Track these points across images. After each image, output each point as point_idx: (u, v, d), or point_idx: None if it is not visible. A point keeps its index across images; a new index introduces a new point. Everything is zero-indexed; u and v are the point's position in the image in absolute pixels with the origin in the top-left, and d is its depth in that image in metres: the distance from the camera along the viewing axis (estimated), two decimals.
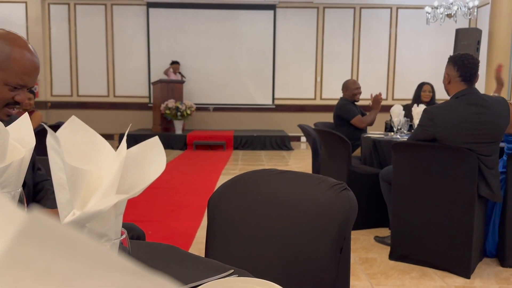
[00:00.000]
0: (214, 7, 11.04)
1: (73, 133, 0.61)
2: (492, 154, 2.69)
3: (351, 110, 4.73)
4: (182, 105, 9.55)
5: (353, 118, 4.69)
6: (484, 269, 2.88)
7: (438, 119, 2.70)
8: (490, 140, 2.67)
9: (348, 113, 4.73)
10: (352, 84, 4.84)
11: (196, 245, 3.31)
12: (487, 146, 2.67)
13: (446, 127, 2.67)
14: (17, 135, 0.81)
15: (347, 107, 4.77)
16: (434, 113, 2.72)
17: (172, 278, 0.22)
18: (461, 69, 2.71)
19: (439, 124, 2.69)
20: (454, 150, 2.69)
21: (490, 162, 2.68)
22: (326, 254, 1.13)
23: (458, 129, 2.64)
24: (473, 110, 2.65)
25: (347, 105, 4.76)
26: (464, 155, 2.65)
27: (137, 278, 0.18)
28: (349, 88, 4.84)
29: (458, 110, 2.67)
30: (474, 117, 2.64)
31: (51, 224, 0.18)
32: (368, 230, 3.66)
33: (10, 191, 0.76)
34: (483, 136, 2.65)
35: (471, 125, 2.64)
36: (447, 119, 2.68)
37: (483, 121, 2.64)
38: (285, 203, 1.23)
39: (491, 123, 2.65)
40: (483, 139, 2.65)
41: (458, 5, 8.51)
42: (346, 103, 4.79)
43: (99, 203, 0.55)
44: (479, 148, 2.65)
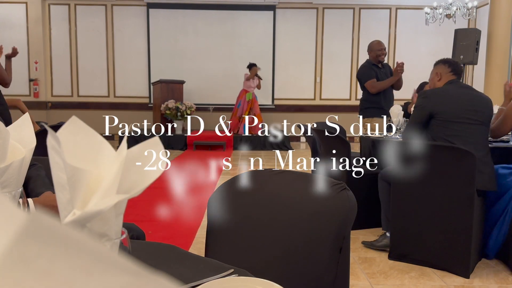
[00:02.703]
0: (214, 7, 11.04)
1: (73, 133, 0.61)
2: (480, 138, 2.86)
3: (365, 73, 4.81)
4: (182, 106, 9.55)
5: (366, 82, 4.75)
6: (483, 269, 2.88)
7: (432, 96, 2.95)
8: (481, 120, 2.85)
9: (363, 75, 4.79)
10: (377, 45, 4.88)
11: (196, 244, 3.31)
12: (478, 127, 2.84)
13: (441, 100, 2.90)
14: (18, 135, 0.81)
15: (363, 69, 4.88)
16: (428, 92, 3.01)
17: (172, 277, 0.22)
18: (452, 66, 3.07)
19: (433, 99, 2.92)
20: (454, 150, 2.69)
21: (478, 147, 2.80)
22: (325, 254, 1.13)
23: (452, 102, 2.87)
24: (464, 91, 2.95)
25: (364, 67, 4.85)
26: (463, 155, 2.65)
27: (137, 277, 0.19)
28: (373, 49, 4.90)
29: (451, 90, 2.95)
30: (466, 95, 2.91)
31: (52, 224, 0.18)
32: (367, 230, 3.66)
33: (11, 191, 0.76)
34: (474, 113, 2.84)
35: (463, 101, 2.87)
36: (441, 95, 2.94)
37: (474, 99, 2.89)
38: (284, 203, 1.23)
39: (481, 103, 2.90)
40: (474, 116, 2.83)
41: (457, 5, 8.52)
42: (365, 65, 4.89)
43: (99, 203, 0.55)
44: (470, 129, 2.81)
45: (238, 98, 10.04)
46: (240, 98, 9.98)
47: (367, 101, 4.93)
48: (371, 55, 4.94)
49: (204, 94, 11.08)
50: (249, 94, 9.87)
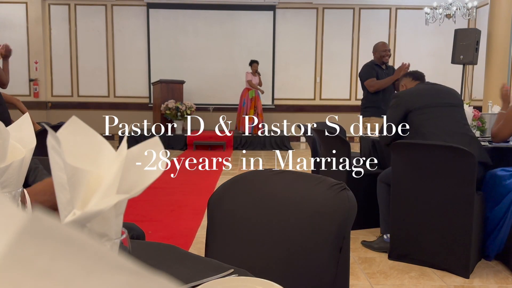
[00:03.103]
0: (214, 7, 11.05)
1: (73, 133, 0.61)
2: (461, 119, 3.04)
3: (366, 72, 4.89)
4: (182, 106, 9.55)
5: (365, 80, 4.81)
6: (483, 269, 2.88)
7: (402, 95, 3.19)
8: (452, 103, 3.07)
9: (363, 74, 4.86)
10: (382, 46, 4.95)
11: (196, 244, 3.31)
12: (452, 108, 3.04)
13: (413, 94, 3.14)
14: (18, 135, 0.81)
15: (365, 68, 4.95)
16: (397, 94, 3.30)
17: (172, 277, 0.22)
18: (412, 75, 3.45)
19: (404, 97, 3.14)
20: (453, 149, 2.69)
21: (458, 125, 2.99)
22: (325, 254, 1.13)
23: (423, 93, 3.12)
24: (429, 85, 3.23)
25: (366, 66, 4.93)
26: (463, 155, 2.65)
27: (137, 277, 0.19)
28: (377, 50, 4.99)
29: (417, 87, 3.26)
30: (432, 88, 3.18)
31: (52, 224, 0.18)
32: (367, 230, 3.66)
33: (11, 191, 0.76)
34: (444, 98, 3.07)
35: (431, 91, 3.13)
36: (411, 91, 3.21)
37: (440, 90, 3.15)
38: (284, 203, 1.23)
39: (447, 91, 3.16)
40: (445, 100, 3.06)
41: (457, 5, 8.52)
42: (367, 64, 4.98)
43: (99, 203, 0.55)
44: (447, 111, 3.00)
45: (242, 97, 10.06)
46: (244, 97, 10.00)
47: (366, 100, 4.99)
48: (375, 56, 5.00)
49: (204, 94, 11.09)
50: (251, 92, 9.89)
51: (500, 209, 2.89)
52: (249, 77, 9.92)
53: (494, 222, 2.92)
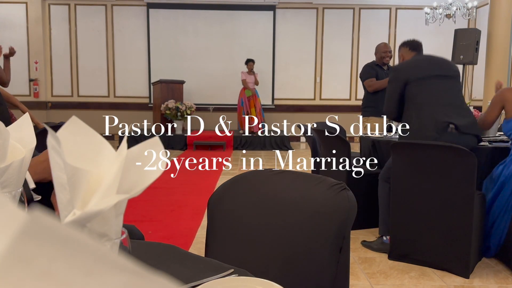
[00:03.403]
0: (214, 7, 11.05)
1: (73, 133, 0.61)
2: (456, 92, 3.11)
3: (366, 72, 4.95)
4: (182, 106, 9.55)
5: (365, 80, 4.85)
6: (483, 269, 2.88)
7: (400, 67, 3.25)
8: (449, 75, 3.11)
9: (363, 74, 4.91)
10: (383, 47, 5.00)
11: (196, 244, 3.31)
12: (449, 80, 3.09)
13: (410, 66, 3.19)
14: (18, 135, 0.81)
15: (365, 68, 5.00)
16: (396, 66, 3.37)
17: (172, 277, 0.22)
18: (408, 45, 3.45)
19: (403, 68, 3.21)
20: (453, 149, 2.69)
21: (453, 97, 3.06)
22: (325, 254, 1.13)
23: (420, 65, 3.17)
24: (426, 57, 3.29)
25: (367, 66, 5.00)
26: (463, 155, 2.65)
27: (137, 277, 0.19)
28: (378, 51, 5.06)
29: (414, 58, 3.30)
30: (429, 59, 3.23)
31: (52, 224, 0.18)
32: (367, 230, 3.66)
33: (11, 191, 0.76)
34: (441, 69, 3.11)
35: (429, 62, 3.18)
36: (408, 63, 3.25)
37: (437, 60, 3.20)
38: (284, 203, 1.23)
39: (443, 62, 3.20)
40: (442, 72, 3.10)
41: (457, 5, 8.52)
42: (368, 64, 5.06)
43: (99, 203, 0.55)
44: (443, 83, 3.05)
45: (239, 96, 10.09)
46: (241, 96, 10.03)
47: (366, 100, 5.04)
48: (376, 56, 5.05)
49: (204, 94, 11.09)
50: (247, 91, 9.91)
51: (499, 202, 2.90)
52: (243, 76, 9.98)
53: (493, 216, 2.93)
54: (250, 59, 9.98)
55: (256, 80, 9.95)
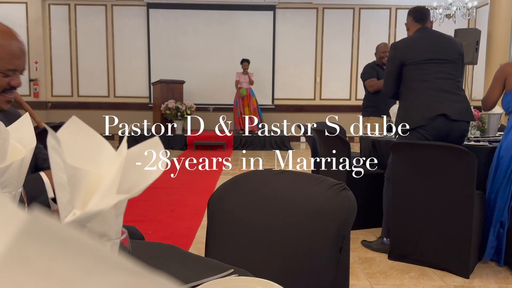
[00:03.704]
0: (214, 7, 11.04)
1: (73, 133, 0.61)
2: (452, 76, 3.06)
3: (367, 72, 5.01)
4: (182, 106, 9.55)
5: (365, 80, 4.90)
6: (483, 269, 2.88)
7: (400, 45, 3.19)
8: (446, 58, 3.06)
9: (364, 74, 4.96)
10: (382, 47, 5.06)
11: (196, 244, 3.31)
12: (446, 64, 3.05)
13: (408, 47, 3.14)
14: (18, 135, 0.81)
15: (366, 68, 5.04)
16: (395, 43, 3.26)
17: (172, 277, 0.22)
18: (413, 14, 3.26)
19: (401, 48, 3.15)
20: (453, 150, 2.69)
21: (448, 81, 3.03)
22: (325, 254, 1.13)
23: (418, 46, 3.10)
24: (428, 35, 3.16)
25: (367, 67, 5.07)
26: (463, 155, 2.65)
27: (137, 277, 0.19)
28: (378, 51, 5.10)
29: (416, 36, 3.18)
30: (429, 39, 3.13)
31: (52, 224, 0.18)
32: (367, 230, 3.66)
33: (11, 191, 0.76)
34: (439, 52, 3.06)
35: (428, 43, 3.10)
36: (407, 42, 3.19)
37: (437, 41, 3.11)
38: (284, 203, 1.23)
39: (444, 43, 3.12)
40: (439, 56, 3.05)
41: (457, 5, 8.52)
42: (368, 65, 5.08)
43: (99, 203, 0.55)
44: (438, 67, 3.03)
45: (235, 97, 10.17)
46: (236, 96, 10.11)
47: (366, 100, 5.07)
48: (376, 56, 5.11)
49: (204, 94, 11.09)
50: (242, 90, 9.96)
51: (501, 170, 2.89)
52: (237, 77, 10.08)
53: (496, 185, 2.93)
54: (245, 59, 10.02)
55: (250, 80, 9.99)
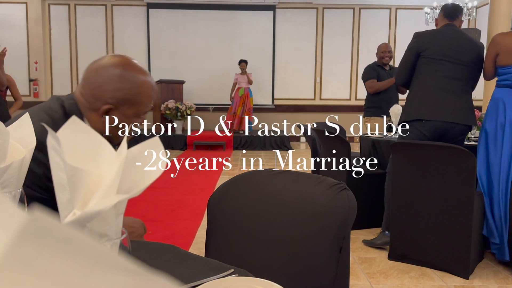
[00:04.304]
0: (214, 7, 11.05)
1: (73, 133, 0.62)
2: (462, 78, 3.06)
3: (367, 73, 5.03)
4: (182, 106, 9.55)
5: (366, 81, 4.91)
6: (483, 269, 2.88)
7: (422, 35, 3.20)
8: (463, 61, 3.06)
9: (364, 75, 4.98)
10: (383, 47, 5.07)
11: (196, 244, 3.31)
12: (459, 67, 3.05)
13: (429, 39, 3.14)
14: (18, 135, 0.81)
15: (366, 69, 5.05)
16: (419, 32, 3.25)
17: (172, 277, 0.22)
18: (444, 10, 3.26)
19: (422, 39, 3.16)
20: (453, 150, 2.69)
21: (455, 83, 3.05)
22: (325, 254, 1.13)
23: (439, 41, 3.10)
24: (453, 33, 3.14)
25: (368, 67, 5.10)
26: (463, 155, 2.65)
27: (137, 277, 0.19)
28: (378, 51, 5.10)
29: (441, 31, 3.19)
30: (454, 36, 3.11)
31: (52, 224, 0.18)
32: (367, 230, 3.66)
33: (11, 191, 0.76)
34: (458, 53, 3.05)
35: (450, 41, 3.08)
36: (430, 34, 3.19)
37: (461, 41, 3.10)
38: (284, 203, 1.23)
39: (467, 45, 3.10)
40: (457, 56, 3.05)
41: None
42: (369, 65, 5.08)
43: (99, 203, 0.55)
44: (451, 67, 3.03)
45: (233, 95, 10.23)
46: (235, 96, 10.21)
47: (368, 101, 5.08)
48: (377, 56, 5.13)
49: (204, 94, 11.09)
50: (241, 90, 10.05)
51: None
52: (235, 78, 10.18)
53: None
54: (242, 60, 10.09)
55: (249, 79, 10.04)
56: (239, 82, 10.07)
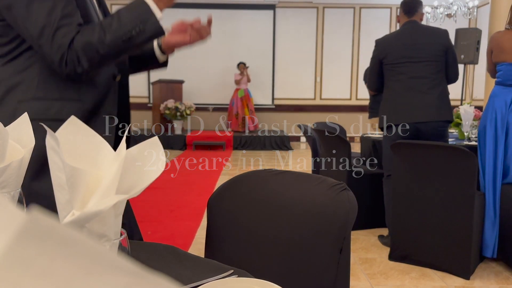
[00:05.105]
0: (214, 7, 11.04)
1: (72, 133, 0.61)
2: (427, 75, 3.09)
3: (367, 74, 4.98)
4: (182, 105, 9.55)
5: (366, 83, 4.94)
6: (484, 269, 2.88)
7: (380, 42, 3.28)
8: (422, 57, 3.08)
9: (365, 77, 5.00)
10: None
11: (195, 245, 3.31)
12: (421, 64, 3.09)
13: (386, 44, 3.23)
14: (16, 135, 0.81)
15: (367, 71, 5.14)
16: (378, 40, 3.32)
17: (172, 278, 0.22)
18: (402, 6, 3.27)
19: (381, 45, 3.25)
20: (453, 150, 2.69)
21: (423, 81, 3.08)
22: (325, 255, 1.13)
23: (395, 45, 3.16)
24: (410, 31, 3.17)
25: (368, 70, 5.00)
26: (463, 155, 2.65)
27: (136, 278, 0.18)
28: None
29: (397, 33, 3.27)
30: (409, 34, 3.14)
31: (51, 224, 0.18)
32: (367, 231, 3.66)
33: (10, 191, 0.76)
34: (415, 50, 3.08)
35: (405, 41, 3.13)
36: (385, 41, 3.27)
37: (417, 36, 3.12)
38: (284, 203, 1.23)
39: (424, 37, 3.12)
40: (415, 54, 3.08)
41: (458, 5, 8.52)
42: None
43: (98, 203, 0.55)
44: (413, 67, 3.08)
45: (232, 97, 10.37)
46: (233, 97, 10.34)
47: (371, 101, 5.08)
48: None
49: (203, 93, 11.09)
50: (240, 91, 10.20)
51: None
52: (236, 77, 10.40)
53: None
54: (241, 62, 10.39)
55: (248, 78, 10.26)
56: (240, 83, 10.21)
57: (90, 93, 1.39)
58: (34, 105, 1.30)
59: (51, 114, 1.31)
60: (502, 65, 2.91)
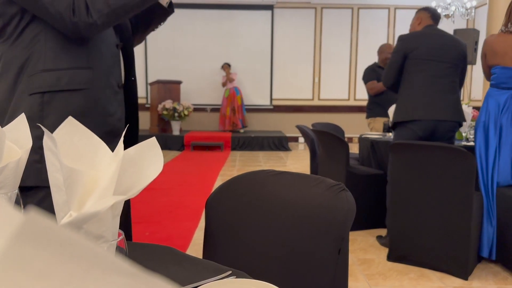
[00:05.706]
0: (212, 7, 11.05)
1: (70, 134, 0.61)
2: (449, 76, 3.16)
3: (367, 75, 5.07)
4: (180, 106, 9.55)
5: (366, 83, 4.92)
6: (482, 270, 2.88)
7: (407, 38, 3.31)
8: (446, 60, 3.16)
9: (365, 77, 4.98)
10: (388, 47, 5.00)
11: (193, 246, 3.31)
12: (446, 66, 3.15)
13: (414, 40, 3.24)
14: (13, 136, 0.80)
15: (366, 71, 5.07)
16: (403, 35, 3.37)
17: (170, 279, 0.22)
18: (431, 12, 3.38)
19: (407, 41, 3.27)
20: (452, 150, 2.69)
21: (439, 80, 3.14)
22: (324, 255, 1.13)
23: (424, 42, 3.20)
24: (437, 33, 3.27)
25: (367, 69, 5.12)
26: (462, 156, 2.65)
27: (134, 279, 0.18)
28: (384, 51, 5.03)
29: (425, 32, 3.29)
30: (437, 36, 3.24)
31: (48, 225, 0.18)
32: (366, 231, 3.66)
33: (7, 192, 0.75)
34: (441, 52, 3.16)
35: (434, 41, 3.20)
36: (415, 36, 3.29)
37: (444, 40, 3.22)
38: (283, 204, 1.23)
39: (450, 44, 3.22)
40: (441, 56, 3.15)
41: (455, 5, 8.54)
42: (369, 67, 5.08)
43: (96, 204, 0.55)
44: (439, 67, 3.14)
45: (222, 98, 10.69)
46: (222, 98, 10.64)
47: (370, 102, 5.08)
48: (381, 57, 4.99)
49: (201, 94, 11.09)
50: (226, 91, 10.46)
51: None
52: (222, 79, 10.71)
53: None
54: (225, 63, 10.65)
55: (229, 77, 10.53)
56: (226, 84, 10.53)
57: (98, 60, 1.38)
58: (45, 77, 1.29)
59: (62, 85, 1.31)
60: (496, 68, 2.96)
